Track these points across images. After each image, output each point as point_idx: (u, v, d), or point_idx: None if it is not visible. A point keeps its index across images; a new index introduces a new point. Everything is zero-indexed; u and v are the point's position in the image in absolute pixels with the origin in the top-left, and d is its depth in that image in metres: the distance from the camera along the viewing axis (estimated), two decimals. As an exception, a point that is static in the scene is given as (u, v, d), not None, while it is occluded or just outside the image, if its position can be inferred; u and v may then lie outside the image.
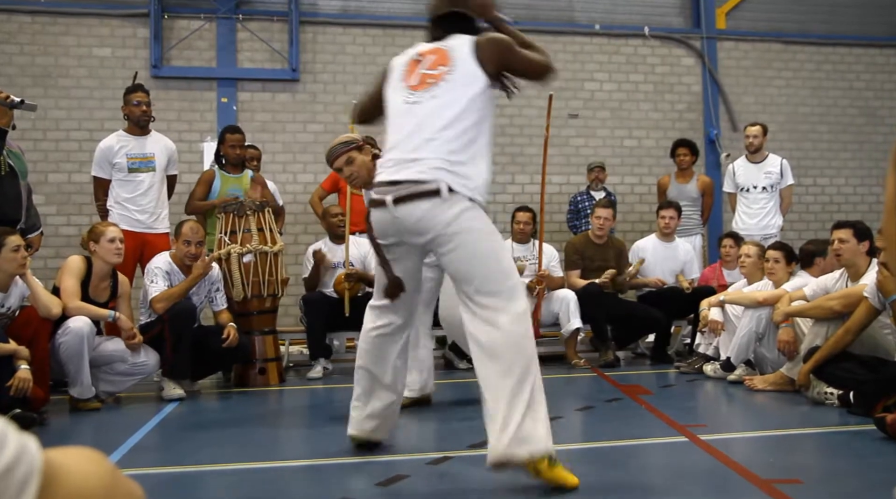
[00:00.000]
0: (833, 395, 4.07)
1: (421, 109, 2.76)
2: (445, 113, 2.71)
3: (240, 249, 5.31)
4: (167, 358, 4.78)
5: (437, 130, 2.70)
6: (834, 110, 9.24)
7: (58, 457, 0.61)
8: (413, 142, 2.73)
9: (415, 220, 2.68)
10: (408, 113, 2.79)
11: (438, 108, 2.73)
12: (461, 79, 2.75)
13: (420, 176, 2.66)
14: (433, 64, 2.82)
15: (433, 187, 2.63)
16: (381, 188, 2.77)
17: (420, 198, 2.65)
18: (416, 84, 2.82)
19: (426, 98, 2.77)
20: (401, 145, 2.76)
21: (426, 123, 2.72)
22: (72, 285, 4.49)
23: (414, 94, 2.81)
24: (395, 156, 2.77)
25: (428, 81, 2.79)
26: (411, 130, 2.75)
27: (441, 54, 2.82)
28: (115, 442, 3.51)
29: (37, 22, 7.64)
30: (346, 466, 3.07)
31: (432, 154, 2.68)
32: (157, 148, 5.65)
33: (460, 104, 2.72)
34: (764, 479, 2.69)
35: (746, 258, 5.45)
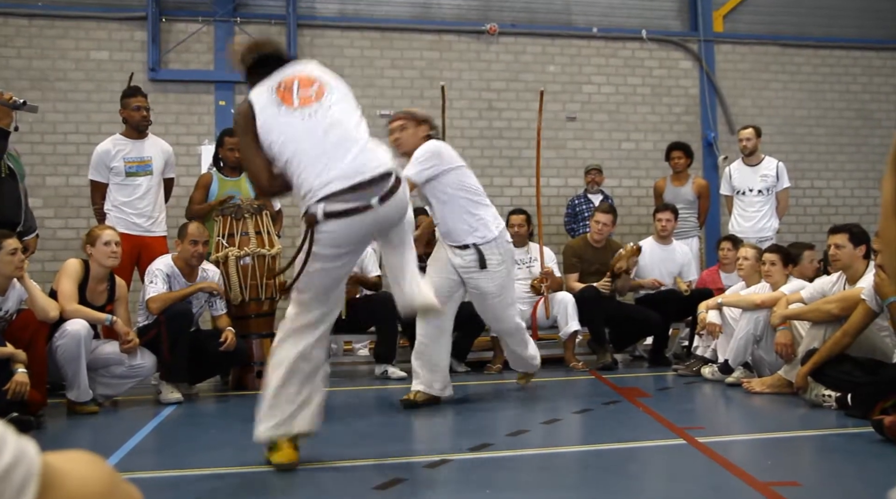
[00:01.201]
0: (831, 397, 4.08)
1: (323, 118, 2.92)
2: (348, 113, 3.00)
3: (237, 253, 5.30)
4: (164, 361, 4.77)
5: (355, 126, 2.96)
6: (831, 113, 9.26)
7: (56, 461, 0.61)
8: (346, 145, 2.87)
9: (400, 208, 2.93)
10: (313, 126, 2.91)
11: (339, 110, 2.97)
12: (338, 92, 3.07)
13: (386, 168, 2.88)
14: (304, 85, 3.01)
15: (397, 177, 2.90)
16: (345, 196, 2.80)
17: (398, 188, 2.89)
18: (301, 102, 2.96)
19: (323, 108, 2.94)
20: (334, 152, 2.85)
21: (343, 127, 2.92)
22: (69, 289, 4.49)
23: (307, 108, 2.94)
24: (337, 164, 2.84)
25: (311, 97, 2.97)
26: (329, 136, 2.88)
27: (306, 79, 3.05)
28: (113, 445, 3.51)
29: (34, 25, 7.64)
30: (344, 469, 3.06)
31: (373, 147, 2.92)
32: (155, 151, 5.64)
33: (351, 105, 3.06)
34: (762, 481, 2.69)
35: (744, 261, 5.45)
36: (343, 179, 2.80)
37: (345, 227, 2.83)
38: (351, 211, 2.80)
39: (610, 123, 8.71)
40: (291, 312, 3.04)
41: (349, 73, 8.14)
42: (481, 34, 8.40)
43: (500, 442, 3.50)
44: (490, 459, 3.23)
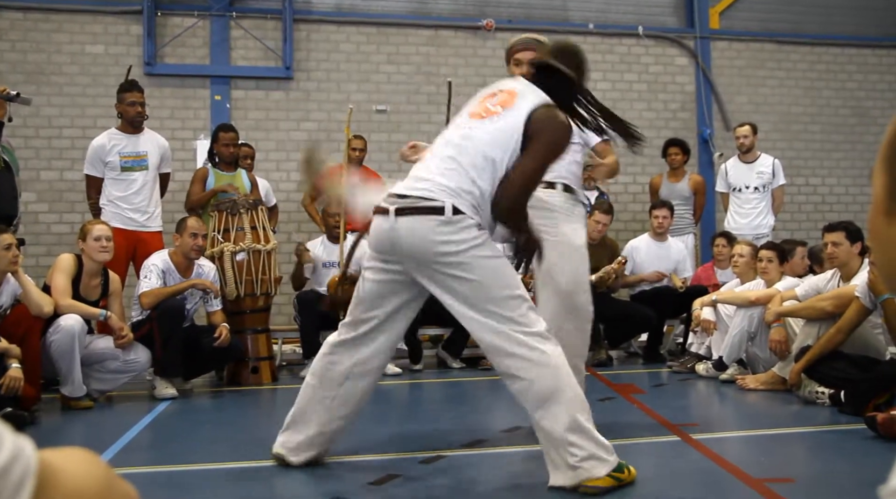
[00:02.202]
0: (824, 394, 4.09)
1: (454, 137, 2.69)
2: (474, 145, 2.61)
3: (233, 248, 5.30)
4: (157, 356, 4.77)
5: (459, 160, 2.60)
6: (826, 110, 9.27)
7: (53, 458, 0.61)
8: (437, 163, 2.66)
9: (417, 238, 2.55)
10: (449, 135, 2.73)
11: (471, 137, 2.63)
12: (509, 119, 2.63)
13: (426, 193, 2.58)
14: (499, 103, 2.72)
15: (437, 205, 2.53)
16: (388, 198, 2.70)
17: (422, 213, 2.55)
18: (474, 112, 2.75)
19: (472, 127, 2.68)
20: (430, 159, 2.71)
21: (457, 149, 2.64)
22: (62, 283, 4.48)
23: (468, 119, 2.73)
24: (414, 173, 2.71)
25: (482, 114, 2.70)
26: (446, 148, 2.69)
27: (511, 96, 2.71)
28: (107, 441, 3.50)
29: (29, 18, 7.60)
30: (339, 465, 3.06)
31: (446, 180, 2.58)
32: (150, 146, 5.63)
33: (496, 141, 2.60)
34: (755, 478, 2.70)
35: (739, 258, 5.46)
36: (400, 187, 2.69)
37: (375, 224, 2.71)
38: (379, 209, 2.69)
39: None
40: None
41: (345, 69, 8.13)
42: (478, 30, 8.39)
43: (494, 438, 3.51)
44: (485, 455, 3.23)
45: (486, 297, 2.53)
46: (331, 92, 8.04)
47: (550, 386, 2.51)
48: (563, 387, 2.52)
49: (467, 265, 2.53)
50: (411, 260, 2.61)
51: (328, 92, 8.06)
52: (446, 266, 2.54)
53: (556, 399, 2.51)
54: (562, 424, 2.51)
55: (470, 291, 2.54)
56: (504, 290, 2.54)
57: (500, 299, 2.53)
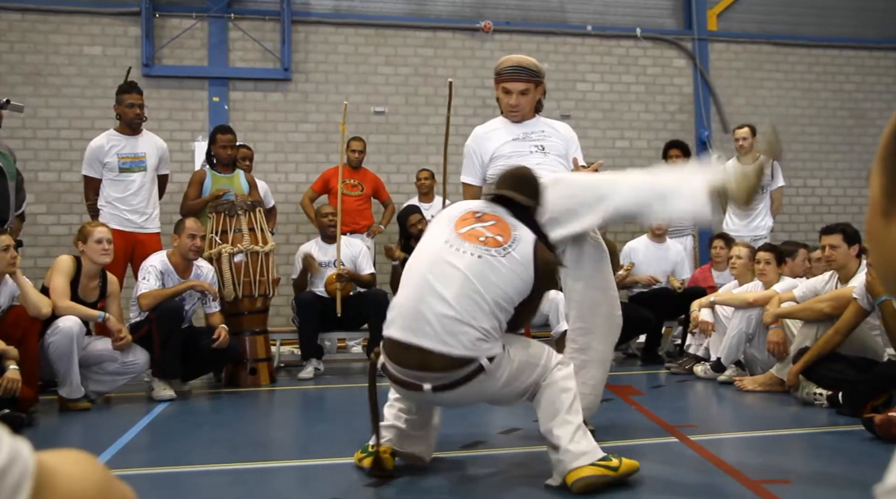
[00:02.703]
0: (822, 395, 4.09)
1: (468, 263, 2.57)
2: (495, 281, 2.55)
3: (231, 249, 5.30)
4: (155, 358, 4.76)
5: (484, 296, 2.53)
6: (824, 112, 9.28)
7: (50, 460, 0.61)
8: (452, 296, 2.52)
9: (463, 395, 2.60)
10: (450, 259, 2.59)
11: (489, 272, 2.55)
12: (518, 258, 2.61)
13: (463, 352, 2.49)
14: (493, 229, 2.68)
15: (475, 367, 2.51)
16: (401, 370, 2.59)
17: (464, 383, 2.53)
18: (466, 234, 2.65)
19: (477, 254, 2.59)
20: (426, 299, 2.54)
21: (472, 281, 2.54)
22: (61, 285, 4.47)
23: (463, 242, 2.62)
24: (419, 310, 2.54)
25: (480, 239, 2.63)
26: (453, 282, 2.54)
27: (504, 226, 2.69)
28: (105, 442, 3.50)
29: (27, 20, 7.60)
30: (337, 466, 3.06)
31: (476, 322, 2.51)
32: (149, 148, 5.62)
33: (512, 281, 2.58)
34: (753, 479, 2.70)
35: (737, 260, 5.47)
36: (413, 333, 2.54)
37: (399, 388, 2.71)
38: (401, 381, 2.64)
39: (604, 121, 8.72)
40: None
41: (343, 70, 8.13)
42: (476, 31, 8.39)
43: (492, 440, 3.51)
44: (483, 456, 3.23)
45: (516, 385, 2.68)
46: (329, 93, 8.05)
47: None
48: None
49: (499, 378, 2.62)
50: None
51: (326, 93, 8.06)
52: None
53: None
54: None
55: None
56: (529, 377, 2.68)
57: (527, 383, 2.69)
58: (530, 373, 2.67)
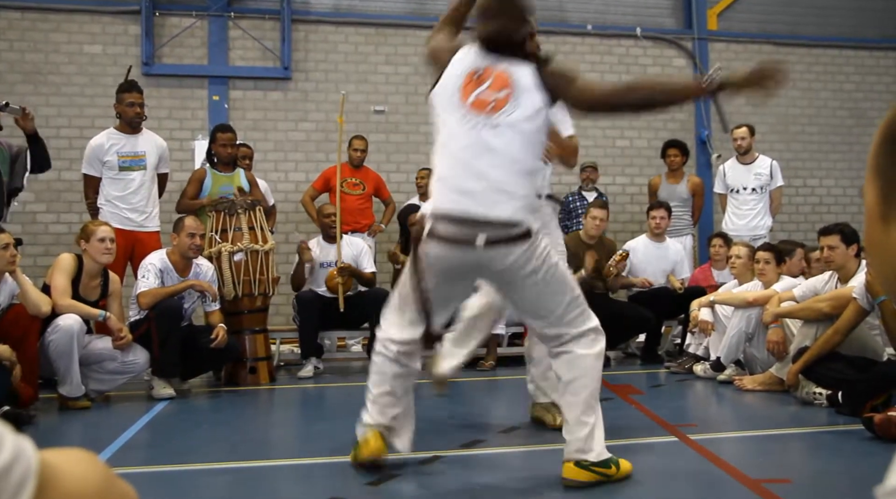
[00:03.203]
0: (822, 395, 4.10)
1: (485, 136, 2.62)
2: (514, 145, 2.62)
3: (230, 248, 5.29)
4: (155, 356, 4.76)
5: (510, 163, 2.61)
6: (824, 112, 9.28)
7: (53, 458, 0.61)
8: (483, 171, 2.59)
9: (508, 263, 2.60)
10: (469, 137, 2.63)
11: (507, 138, 2.61)
12: (526, 110, 2.64)
13: (512, 216, 2.58)
14: (494, 86, 2.66)
15: (524, 230, 2.59)
16: (454, 225, 2.61)
17: (515, 242, 2.58)
18: (475, 103, 2.66)
19: (490, 124, 2.62)
20: (467, 174, 2.61)
21: (494, 154, 2.60)
22: (62, 283, 4.47)
23: (476, 116, 2.65)
24: (463, 185, 2.61)
25: (489, 106, 2.64)
26: (477, 158, 2.61)
27: (502, 79, 2.67)
28: (105, 441, 3.50)
29: (27, 18, 7.59)
30: (337, 465, 3.06)
31: (514, 189, 2.60)
32: (149, 146, 5.62)
33: (527, 137, 2.64)
34: (753, 478, 2.70)
35: (737, 259, 5.47)
36: (460, 203, 2.61)
37: (441, 253, 2.66)
38: (447, 239, 2.63)
39: (604, 121, 8.71)
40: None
41: (343, 69, 8.13)
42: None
43: (492, 439, 3.51)
44: (482, 455, 3.24)
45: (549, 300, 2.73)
46: (329, 92, 8.04)
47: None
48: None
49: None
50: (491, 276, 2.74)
51: (326, 92, 8.06)
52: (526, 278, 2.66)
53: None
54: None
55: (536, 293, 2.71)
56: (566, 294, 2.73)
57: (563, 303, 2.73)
58: (564, 296, 2.71)
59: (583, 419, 2.71)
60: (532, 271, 2.62)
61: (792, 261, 5.43)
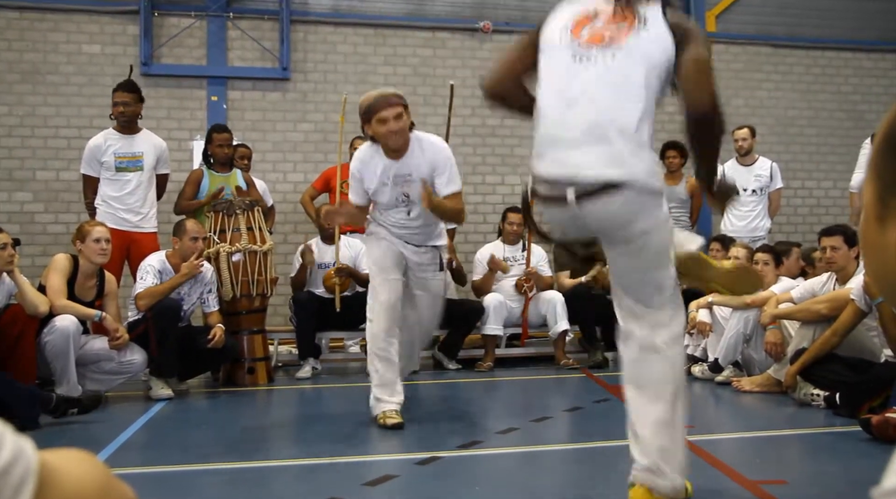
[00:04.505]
0: (819, 396, 4.10)
1: (597, 71, 2.23)
2: (631, 80, 2.22)
3: (229, 249, 5.29)
4: (152, 356, 4.76)
5: (622, 104, 2.21)
6: (822, 114, 9.30)
7: (52, 459, 0.61)
8: (590, 116, 2.21)
9: (606, 217, 2.24)
10: (578, 74, 2.25)
11: (621, 74, 2.22)
12: (650, 40, 2.23)
13: (608, 166, 2.20)
14: (613, 19, 2.29)
15: (626, 179, 2.19)
16: (550, 183, 2.28)
17: (611, 192, 2.19)
18: (588, 38, 2.27)
19: (604, 57, 2.23)
20: (566, 116, 2.25)
21: (605, 93, 2.22)
22: (58, 283, 4.47)
23: (588, 49, 2.26)
24: (564, 133, 2.24)
25: (606, 36, 2.26)
26: (584, 99, 2.23)
27: (623, 10, 2.29)
28: (103, 441, 3.50)
29: (25, 18, 7.59)
30: (335, 466, 3.07)
31: (619, 136, 2.20)
32: (147, 147, 5.60)
33: (647, 71, 2.22)
34: (750, 480, 2.71)
35: (735, 260, 5.47)
36: (558, 154, 2.26)
37: (551, 215, 2.37)
38: (549, 198, 2.31)
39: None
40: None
41: (342, 70, 8.13)
42: (475, 32, 8.39)
43: (490, 440, 3.51)
44: (480, 456, 3.24)
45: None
46: (328, 93, 8.04)
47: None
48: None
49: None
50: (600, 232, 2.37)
51: (325, 93, 8.06)
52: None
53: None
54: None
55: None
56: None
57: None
58: (664, 269, 2.37)
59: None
60: (635, 225, 2.27)
61: (789, 261, 5.44)
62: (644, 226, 2.26)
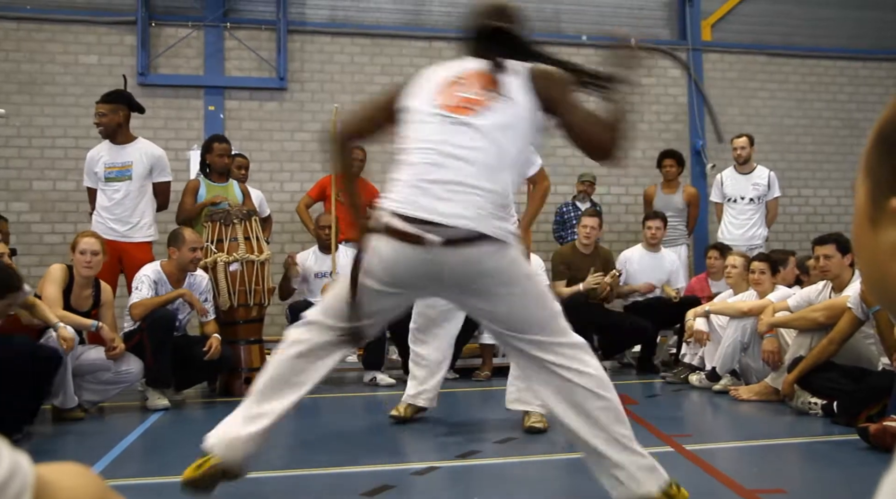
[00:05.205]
0: (817, 405, 4.10)
1: (469, 135, 2.31)
2: (499, 144, 2.31)
3: (226, 258, 5.29)
4: (148, 366, 4.74)
5: (491, 166, 2.29)
6: (818, 122, 9.33)
7: (48, 473, 0.61)
8: (455, 173, 2.27)
9: (468, 266, 2.26)
10: (448, 137, 2.32)
11: (490, 137, 2.31)
12: (515, 106, 2.36)
13: (477, 221, 2.24)
14: (477, 87, 2.39)
15: (492, 234, 2.26)
16: (410, 222, 2.26)
17: (480, 242, 2.24)
18: (452, 105, 2.37)
19: (473, 122, 2.33)
20: (436, 171, 2.29)
21: (475, 155, 2.29)
22: (53, 294, 4.46)
23: (451, 115, 2.35)
24: (430, 178, 2.28)
25: (469, 106, 2.35)
26: (450, 157, 2.29)
27: (486, 78, 2.39)
28: (99, 452, 3.48)
29: (22, 28, 7.60)
30: (332, 476, 3.06)
31: (488, 196, 2.26)
32: (136, 156, 5.49)
33: (513, 134, 2.34)
34: (748, 489, 2.70)
35: (732, 269, 5.48)
36: (419, 200, 2.27)
37: (391, 253, 2.30)
38: (401, 234, 2.27)
39: (599, 131, 8.74)
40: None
41: (339, 79, 8.15)
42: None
43: (487, 449, 3.50)
44: (478, 466, 3.23)
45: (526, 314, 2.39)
46: (325, 103, 8.06)
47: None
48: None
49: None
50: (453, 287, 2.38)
51: (322, 103, 8.07)
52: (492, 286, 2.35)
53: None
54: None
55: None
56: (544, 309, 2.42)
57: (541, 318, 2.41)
58: (544, 307, 2.38)
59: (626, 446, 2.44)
60: (503, 274, 2.32)
61: (786, 270, 5.46)
62: (503, 279, 2.31)
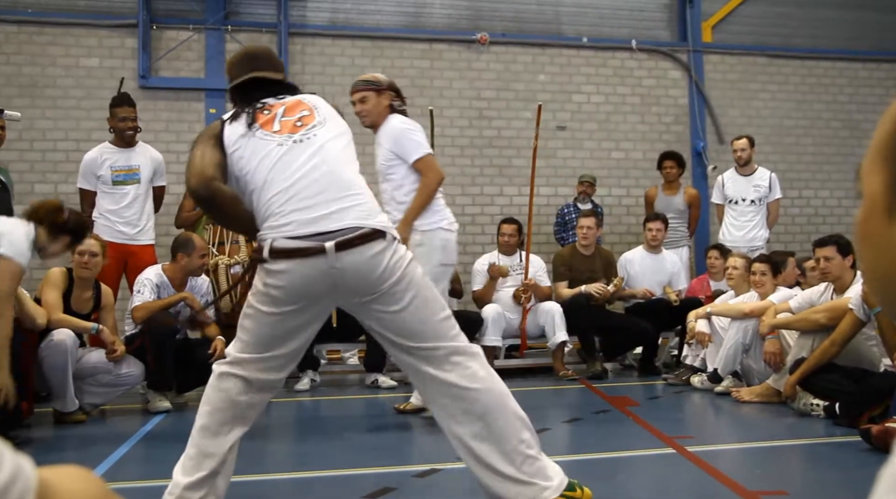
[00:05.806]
0: (819, 406, 4.10)
1: (310, 149, 2.41)
2: (339, 147, 2.47)
3: (228, 261, 5.29)
4: (149, 369, 4.75)
5: (344, 168, 2.43)
6: (818, 123, 9.33)
7: (51, 476, 0.61)
8: (326, 185, 2.36)
9: (364, 269, 2.31)
10: (293, 156, 2.40)
11: (329, 146, 2.44)
12: (332, 121, 2.55)
13: (363, 221, 2.33)
14: (291, 110, 2.53)
15: (378, 227, 2.34)
16: (302, 240, 2.30)
17: (370, 241, 2.30)
18: (283, 128, 2.48)
19: (307, 138, 2.44)
20: (308, 191, 2.35)
21: (325, 163, 2.39)
22: (53, 297, 4.46)
23: (289, 136, 2.45)
24: (308, 204, 2.34)
25: (297, 124, 2.48)
26: (312, 174, 2.37)
27: (295, 103, 2.57)
28: (101, 455, 3.48)
29: (23, 31, 7.61)
30: (333, 478, 3.05)
31: (358, 197, 2.38)
32: (143, 160, 5.60)
33: (348, 144, 2.55)
34: (750, 490, 2.70)
35: (733, 270, 5.48)
36: (310, 224, 2.32)
37: (293, 272, 2.33)
38: (296, 252, 2.31)
39: (600, 133, 8.75)
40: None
41: (340, 82, 8.15)
42: (472, 43, 8.42)
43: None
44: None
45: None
46: (325, 105, 8.05)
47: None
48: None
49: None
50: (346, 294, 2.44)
51: (323, 105, 8.07)
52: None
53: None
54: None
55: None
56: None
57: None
58: (437, 310, 2.41)
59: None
60: (391, 271, 2.36)
61: (787, 271, 5.46)
62: (400, 274, 2.34)
